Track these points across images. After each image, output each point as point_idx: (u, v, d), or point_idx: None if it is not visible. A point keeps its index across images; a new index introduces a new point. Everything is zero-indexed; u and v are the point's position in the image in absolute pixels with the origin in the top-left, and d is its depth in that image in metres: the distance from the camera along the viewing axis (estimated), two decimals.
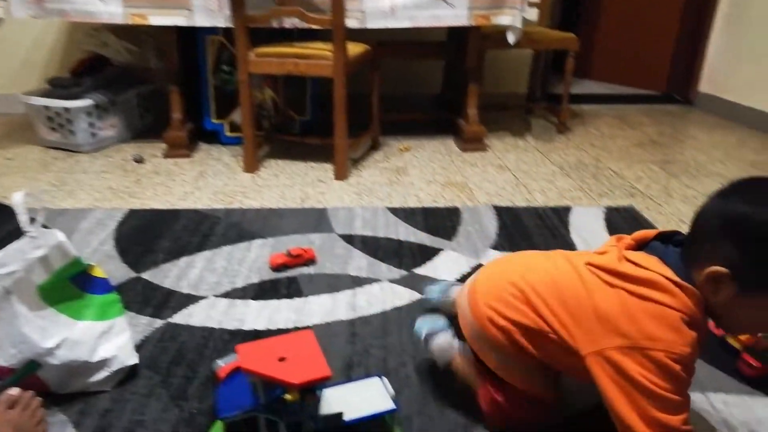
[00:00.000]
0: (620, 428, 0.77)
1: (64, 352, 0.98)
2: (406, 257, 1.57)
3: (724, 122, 3.06)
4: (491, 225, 1.79)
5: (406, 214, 1.85)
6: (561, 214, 1.87)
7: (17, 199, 0.97)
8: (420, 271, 1.50)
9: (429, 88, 3.21)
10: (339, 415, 0.85)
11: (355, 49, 2.14)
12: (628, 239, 0.87)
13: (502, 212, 1.88)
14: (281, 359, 0.81)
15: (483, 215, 1.86)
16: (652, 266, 0.78)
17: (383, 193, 2.05)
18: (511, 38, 2.27)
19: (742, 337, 1.15)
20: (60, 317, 1.01)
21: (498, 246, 1.65)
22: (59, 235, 1.04)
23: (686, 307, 0.75)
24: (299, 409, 0.82)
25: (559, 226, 1.78)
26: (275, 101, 2.48)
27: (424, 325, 1.08)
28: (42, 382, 0.99)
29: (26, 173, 2.16)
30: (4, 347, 0.95)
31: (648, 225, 1.79)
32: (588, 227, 1.78)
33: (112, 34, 2.69)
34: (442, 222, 1.80)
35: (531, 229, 1.76)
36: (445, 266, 1.53)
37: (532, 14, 2.75)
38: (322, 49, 2.04)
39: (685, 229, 1.75)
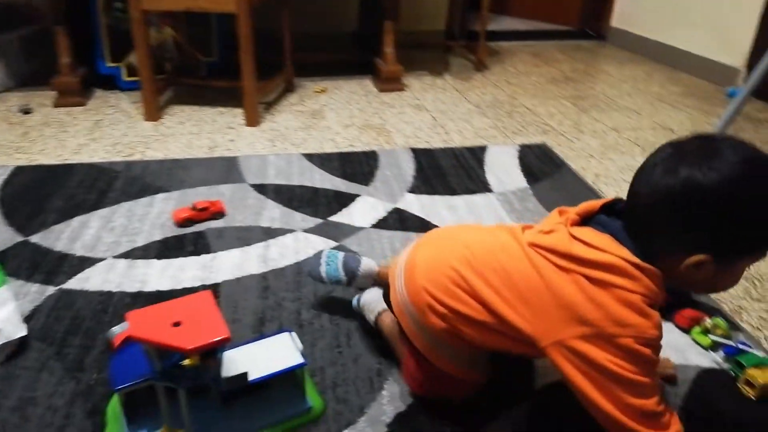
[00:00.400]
0: (597, 416, 0.72)
1: None
2: (321, 205, 1.52)
3: (635, 56, 3.14)
4: (408, 168, 1.76)
5: (321, 160, 1.79)
6: (477, 153, 1.87)
7: None
8: (335, 218, 1.46)
9: (345, 25, 3.08)
10: (243, 375, 0.82)
11: None
12: (572, 214, 0.79)
13: (419, 154, 1.86)
14: (175, 324, 0.76)
15: (400, 158, 1.83)
16: (608, 247, 0.72)
17: (298, 138, 1.97)
18: None
19: None
20: None
21: (415, 189, 1.63)
22: None
23: (648, 289, 0.70)
24: (200, 374, 0.78)
25: (474, 166, 1.78)
26: (177, 41, 2.30)
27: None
28: None
29: None
30: None
31: (559, 161, 1.83)
32: (502, 166, 1.79)
33: None
34: (359, 167, 1.76)
35: (447, 170, 1.75)
36: (362, 212, 1.49)
37: None
38: None
39: (594, 163, 1.82)
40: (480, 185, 1.67)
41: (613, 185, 1.69)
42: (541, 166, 1.79)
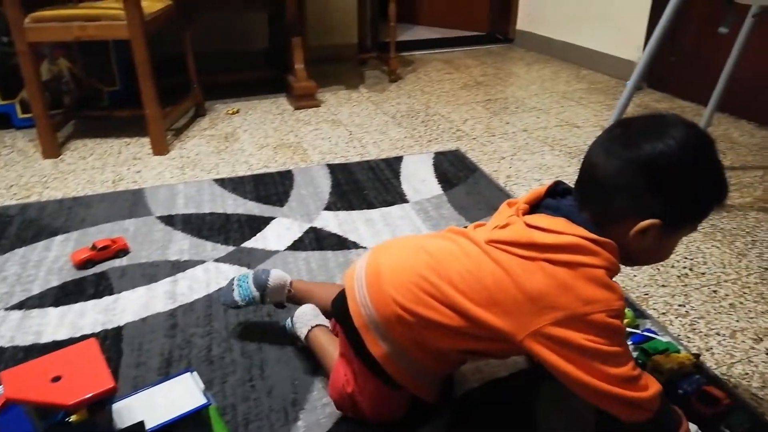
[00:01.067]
0: (583, 393, 0.74)
1: None
2: (233, 232, 1.47)
3: (541, 57, 3.26)
4: (325, 185, 1.74)
5: (234, 185, 1.74)
6: (392, 164, 1.88)
7: None
8: (249, 244, 1.42)
9: (256, 43, 3.03)
10: (140, 424, 0.77)
11: (152, 4, 1.93)
12: (521, 204, 0.81)
13: (335, 170, 1.84)
14: (55, 379, 0.70)
15: (316, 175, 1.80)
16: (565, 229, 0.74)
17: (210, 163, 1.91)
18: None
19: None
20: None
21: (331, 206, 1.61)
22: None
23: (609, 262, 0.73)
24: (89, 429, 0.72)
25: (390, 178, 1.78)
26: (73, 72, 2.19)
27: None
28: None
29: None
30: None
31: (472, 165, 1.85)
32: (417, 175, 1.80)
33: None
34: (274, 188, 1.72)
35: (363, 183, 1.74)
36: (277, 235, 1.46)
37: None
38: (112, 7, 1.80)
39: (505, 165, 1.86)
40: (396, 196, 1.67)
41: (524, 185, 1.73)
42: (455, 173, 1.81)
